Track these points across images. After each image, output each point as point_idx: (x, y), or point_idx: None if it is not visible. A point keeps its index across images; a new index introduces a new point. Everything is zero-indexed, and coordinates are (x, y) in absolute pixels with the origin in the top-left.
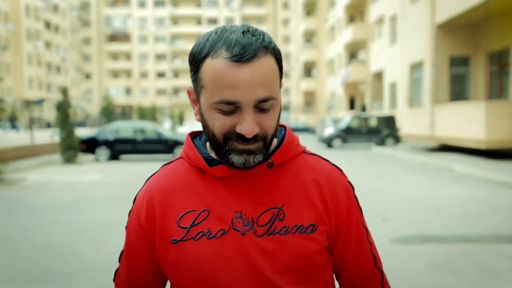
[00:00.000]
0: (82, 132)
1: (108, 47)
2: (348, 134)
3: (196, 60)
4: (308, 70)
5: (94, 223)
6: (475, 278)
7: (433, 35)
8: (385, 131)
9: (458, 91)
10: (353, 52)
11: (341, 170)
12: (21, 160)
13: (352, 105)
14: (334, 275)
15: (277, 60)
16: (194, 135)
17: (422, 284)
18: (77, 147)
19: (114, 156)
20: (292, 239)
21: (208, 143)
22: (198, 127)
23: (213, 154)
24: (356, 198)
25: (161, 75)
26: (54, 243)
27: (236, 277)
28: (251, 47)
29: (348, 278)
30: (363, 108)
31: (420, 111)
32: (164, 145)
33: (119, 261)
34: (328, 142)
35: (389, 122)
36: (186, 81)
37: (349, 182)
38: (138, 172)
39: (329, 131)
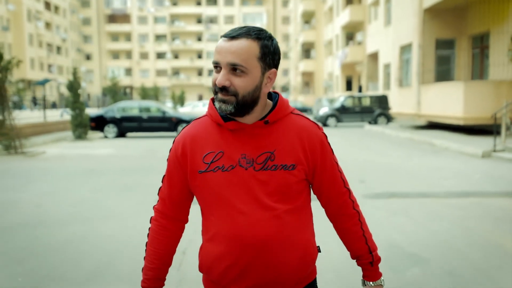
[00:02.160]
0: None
1: (108, 28)
2: (342, 114)
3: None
4: (307, 51)
5: (114, 185)
6: (423, 220)
7: (420, 18)
8: (377, 111)
9: (444, 72)
10: (350, 34)
11: (317, 125)
12: (36, 137)
13: (349, 86)
14: (317, 197)
15: (261, 47)
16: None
17: (380, 224)
18: (87, 125)
19: (121, 134)
20: (278, 173)
21: None
22: (199, 107)
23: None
24: (328, 143)
25: (161, 56)
26: (85, 198)
27: (240, 197)
28: (237, 32)
29: (326, 196)
30: (360, 89)
31: (408, 91)
32: (168, 123)
33: (162, 182)
34: (323, 121)
35: (381, 101)
36: (185, 62)
37: (323, 133)
38: (144, 147)
39: (324, 110)
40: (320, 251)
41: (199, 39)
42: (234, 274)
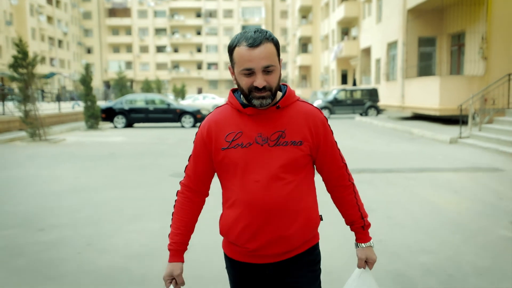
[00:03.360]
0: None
1: (108, 22)
2: (334, 106)
3: (230, 49)
4: (304, 45)
5: (133, 165)
6: (381, 186)
7: (404, 18)
8: (368, 103)
9: (426, 67)
10: (345, 29)
11: (319, 110)
12: (53, 126)
13: (344, 80)
14: (318, 172)
15: (275, 45)
16: (234, 90)
17: None
18: (98, 116)
19: (129, 124)
20: (289, 148)
21: (242, 95)
22: (199, 100)
23: (244, 101)
24: (329, 125)
25: (160, 49)
26: (111, 174)
27: (255, 168)
28: (258, 39)
29: (327, 169)
30: (354, 82)
31: (394, 84)
32: (172, 114)
33: (188, 160)
34: None
35: (372, 94)
36: (185, 56)
37: (325, 117)
38: (152, 135)
39: (317, 103)
40: (322, 219)
41: (199, 33)
42: (249, 234)
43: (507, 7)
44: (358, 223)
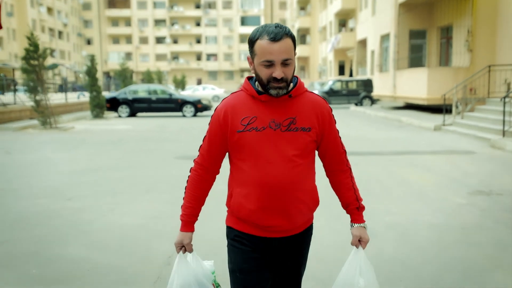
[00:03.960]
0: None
1: (108, 13)
2: (331, 96)
3: (252, 41)
4: (302, 36)
5: (140, 149)
6: (363, 166)
7: (396, 11)
8: (362, 93)
9: (416, 59)
10: (343, 21)
11: (325, 100)
12: (61, 115)
13: (342, 71)
14: (320, 157)
15: (293, 40)
16: (249, 78)
17: None
18: (103, 106)
19: (132, 113)
20: (299, 134)
21: (257, 82)
22: (199, 91)
23: (259, 88)
24: (333, 115)
25: (160, 40)
26: (121, 156)
27: (268, 151)
28: (279, 34)
29: (329, 155)
30: (351, 73)
31: (387, 75)
32: (174, 104)
33: (203, 140)
34: None
35: (366, 85)
36: (184, 47)
37: (330, 107)
38: (155, 124)
39: None
40: None
41: (198, 24)
42: (260, 211)
43: (491, 1)
44: (353, 205)
